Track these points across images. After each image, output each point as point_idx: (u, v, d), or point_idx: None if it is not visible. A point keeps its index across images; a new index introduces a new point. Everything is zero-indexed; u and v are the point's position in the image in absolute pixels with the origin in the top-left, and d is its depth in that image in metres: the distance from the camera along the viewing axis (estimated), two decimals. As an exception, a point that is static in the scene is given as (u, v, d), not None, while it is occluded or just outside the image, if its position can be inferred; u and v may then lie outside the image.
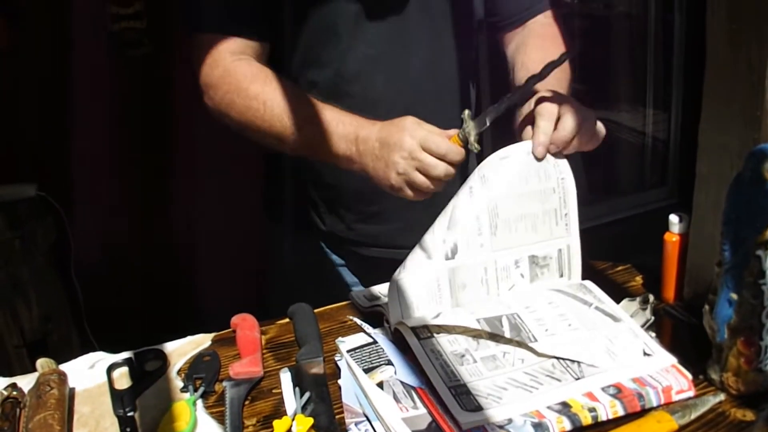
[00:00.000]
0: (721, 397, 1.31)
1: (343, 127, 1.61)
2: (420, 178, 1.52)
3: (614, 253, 1.80)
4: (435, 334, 1.42)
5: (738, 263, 1.27)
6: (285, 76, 1.75)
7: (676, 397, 1.30)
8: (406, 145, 1.50)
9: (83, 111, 3.27)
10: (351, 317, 1.57)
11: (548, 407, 1.26)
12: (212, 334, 1.60)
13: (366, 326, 1.51)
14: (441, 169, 1.50)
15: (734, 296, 1.27)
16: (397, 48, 1.77)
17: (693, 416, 1.27)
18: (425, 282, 1.48)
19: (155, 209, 3.49)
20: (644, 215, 4.54)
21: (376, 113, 1.69)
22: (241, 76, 1.69)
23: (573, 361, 1.35)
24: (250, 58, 1.74)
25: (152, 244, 3.51)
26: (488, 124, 1.53)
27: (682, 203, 1.56)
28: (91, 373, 1.51)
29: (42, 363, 1.48)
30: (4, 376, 1.47)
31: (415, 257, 1.50)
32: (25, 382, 1.46)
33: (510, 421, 1.23)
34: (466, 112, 1.54)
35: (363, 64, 1.77)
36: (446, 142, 1.50)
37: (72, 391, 1.45)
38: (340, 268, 2.00)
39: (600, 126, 1.55)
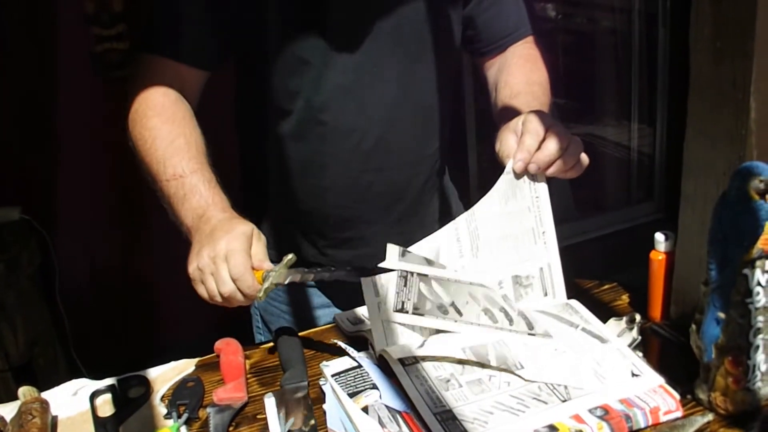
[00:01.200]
0: (710, 417, 1.31)
1: (197, 199, 1.56)
2: (210, 284, 1.45)
3: (602, 268, 1.79)
4: (420, 360, 1.41)
5: (725, 282, 1.27)
6: (258, 104, 1.76)
7: (663, 418, 1.29)
8: (217, 248, 1.44)
9: (68, 133, 3.26)
10: (335, 341, 1.56)
11: (535, 430, 1.25)
12: (196, 359, 1.59)
13: (351, 350, 1.49)
14: (227, 288, 1.43)
15: (722, 315, 1.27)
16: (369, 77, 1.73)
17: (682, 437, 1.26)
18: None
19: (139, 233, 3.47)
20: (631, 230, 4.54)
21: (350, 142, 1.70)
22: (151, 104, 1.66)
23: (560, 384, 1.34)
24: (176, 92, 1.69)
25: (136, 268, 3.50)
26: (286, 282, 1.46)
27: (669, 218, 1.56)
28: (74, 401, 1.49)
29: (24, 391, 1.47)
30: (-10, 401, 1.46)
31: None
32: (7, 411, 1.45)
33: (497, 445, 1.22)
34: (290, 256, 1.48)
35: (334, 92, 1.72)
36: (246, 267, 1.42)
37: (55, 419, 1.44)
38: (310, 289, 1.97)
39: (584, 156, 1.53)
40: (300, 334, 1.59)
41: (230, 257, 1.43)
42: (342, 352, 1.52)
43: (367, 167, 1.77)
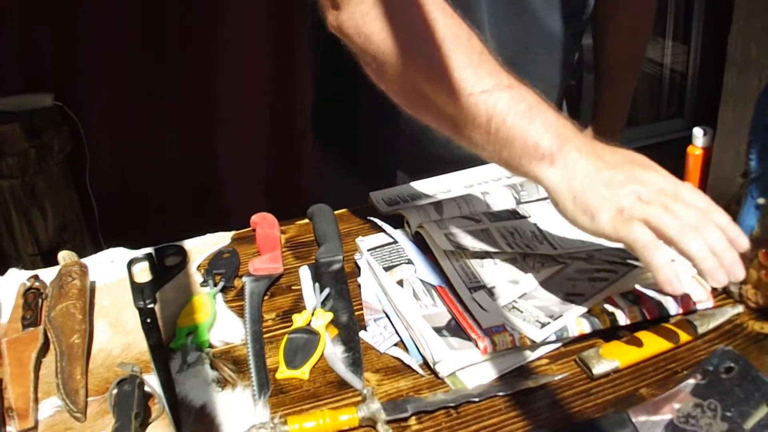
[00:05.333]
0: (740, 309, 1.31)
1: (550, 115, 1.18)
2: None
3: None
4: (456, 238, 1.42)
5: (764, 172, 1.27)
6: None
7: (694, 307, 1.30)
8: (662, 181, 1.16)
9: (99, 18, 3.25)
10: (371, 218, 1.57)
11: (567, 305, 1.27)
12: (232, 232, 1.60)
13: (386, 227, 1.50)
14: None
15: (761, 201, 1.26)
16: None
17: (711, 326, 1.27)
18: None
19: (169, 122, 3.48)
20: (660, 145, 4.53)
21: None
22: None
23: (597, 270, 1.34)
24: None
25: (165, 157, 3.51)
26: None
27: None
28: (112, 268, 1.52)
29: (64, 255, 1.49)
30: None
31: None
32: (48, 275, 1.47)
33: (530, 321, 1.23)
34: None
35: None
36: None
37: (93, 284, 1.46)
38: None
39: None
40: (335, 212, 1.60)
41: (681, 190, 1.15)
42: (377, 229, 1.53)
43: None
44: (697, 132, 1.53)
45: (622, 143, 1.79)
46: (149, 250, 1.52)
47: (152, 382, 1.22)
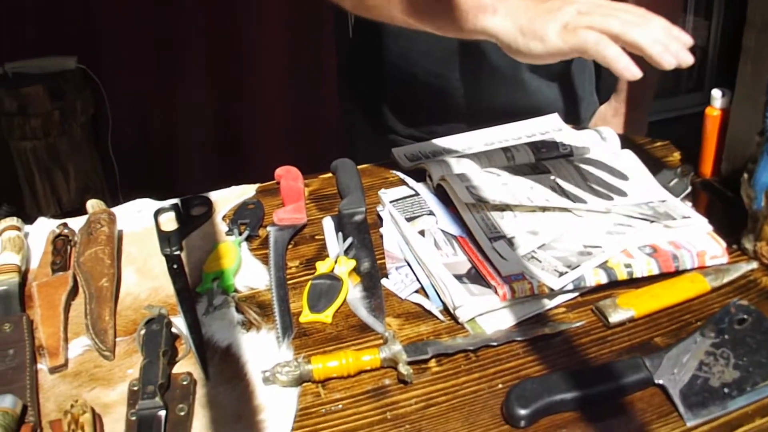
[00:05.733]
0: (754, 265, 1.33)
1: None
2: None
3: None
4: (478, 191, 1.44)
5: (781, 130, 1.29)
6: None
7: (709, 262, 1.32)
8: None
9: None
10: (394, 171, 1.59)
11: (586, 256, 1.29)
12: (256, 185, 1.63)
13: (408, 179, 1.53)
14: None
15: (776, 161, 1.29)
16: None
17: (725, 280, 1.30)
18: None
19: (194, 75, 3.48)
20: (679, 119, 4.53)
21: None
22: None
23: (614, 224, 1.38)
24: None
25: (189, 115, 3.52)
26: None
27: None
28: (139, 217, 1.55)
29: (92, 203, 1.52)
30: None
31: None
32: (77, 224, 1.50)
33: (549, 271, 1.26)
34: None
35: None
36: None
37: (120, 232, 1.49)
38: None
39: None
40: (358, 167, 1.63)
41: None
42: (399, 184, 1.55)
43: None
44: (716, 93, 1.55)
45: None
46: (175, 200, 1.55)
47: (179, 324, 1.25)
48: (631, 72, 1.17)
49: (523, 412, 1.04)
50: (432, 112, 1.86)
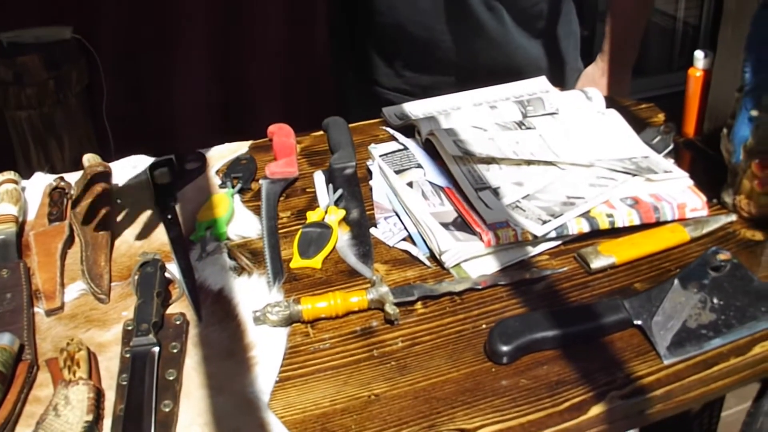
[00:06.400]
0: (733, 217, 1.37)
1: None
2: None
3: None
4: (466, 144, 1.47)
5: (758, 85, 1.32)
6: None
7: (690, 215, 1.36)
8: None
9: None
10: (384, 128, 1.63)
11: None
12: (249, 142, 1.67)
13: (398, 135, 1.56)
14: None
15: (754, 113, 1.31)
16: None
17: (704, 231, 1.33)
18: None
19: (185, 54, 3.48)
20: (671, 96, 4.54)
21: None
22: None
23: (597, 177, 1.41)
24: None
25: (179, 90, 3.51)
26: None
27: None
28: (134, 171, 1.58)
29: (89, 157, 1.56)
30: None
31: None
32: (71, 177, 1.53)
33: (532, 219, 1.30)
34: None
35: None
36: None
37: (116, 186, 1.52)
38: None
39: None
40: (349, 125, 1.66)
41: None
42: (389, 140, 1.59)
43: None
44: (698, 54, 1.58)
45: (633, 92, 1.84)
46: (170, 156, 1.58)
47: (172, 269, 1.28)
48: None
49: (505, 348, 1.08)
50: (418, 63, 1.91)
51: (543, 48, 1.89)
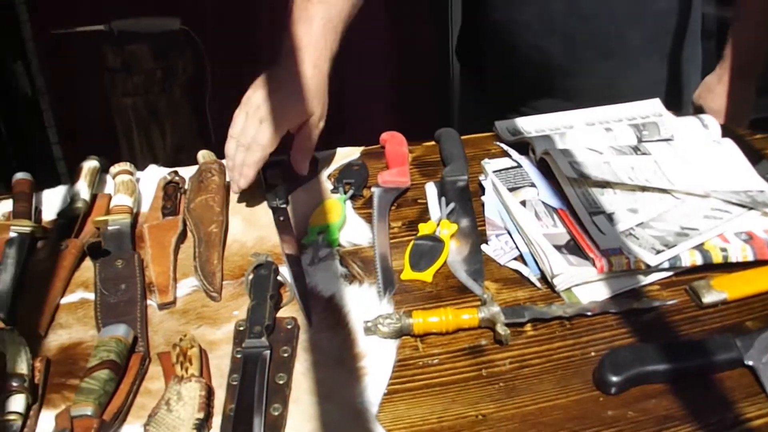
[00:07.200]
0: None
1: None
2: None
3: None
4: (581, 167, 1.46)
5: None
6: None
7: (805, 253, 1.33)
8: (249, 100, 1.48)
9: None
10: (496, 143, 1.62)
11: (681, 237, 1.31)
12: (361, 147, 1.68)
13: (512, 151, 1.56)
14: (229, 145, 1.48)
15: None
16: None
17: (822, 271, 1.30)
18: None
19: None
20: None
21: None
22: None
23: (712, 209, 1.39)
24: None
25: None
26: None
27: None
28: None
29: (204, 154, 1.58)
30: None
31: None
32: (187, 173, 1.56)
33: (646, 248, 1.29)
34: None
35: None
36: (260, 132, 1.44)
37: (228, 183, 1.54)
38: None
39: None
40: (461, 137, 1.65)
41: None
42: (501, 155, 1.59)
43: (572, 10, 1.73)
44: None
45: (756, 111, 1.78)
46: (281, 157, 1.60)
47: (284, 272, 1.30)
48: None
49: (614, 378, 1.07)
50: (531, 85, 1.87)
51: (666, 70, 1.86)
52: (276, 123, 1.41)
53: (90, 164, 1.56)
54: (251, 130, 1.43)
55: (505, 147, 1.59)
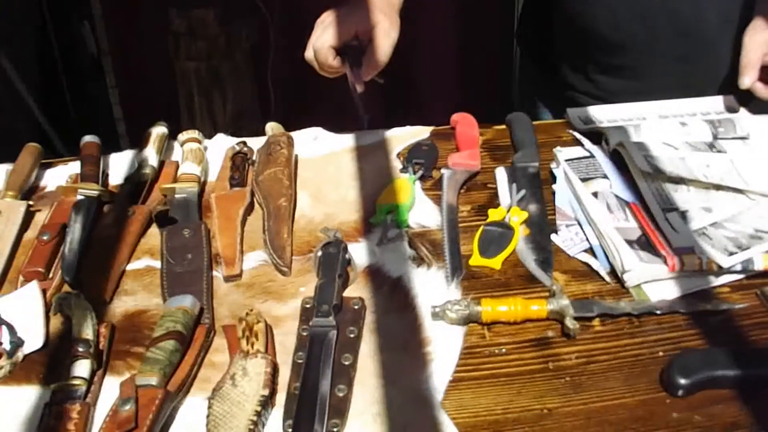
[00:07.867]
0: None
1: None
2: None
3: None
4: (656, 161, 1.44)
5: None
6: None
7: None
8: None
9: None
10: (570, 131, 1.60)
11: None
12: (431, 127, 1.66)
13: (585, 141, 1.54)
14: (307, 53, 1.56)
15: None
16: None
17: None
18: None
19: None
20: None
21: None
22: None
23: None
24: None
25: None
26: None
27: None
28: (314, 145, 1.59)
29: (272, 126, 1.58)
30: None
31: None
32: (253, 143, 1.55)
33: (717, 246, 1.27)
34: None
35: None
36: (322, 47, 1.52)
37: (296, 156, 1.53)
38: None
39: None
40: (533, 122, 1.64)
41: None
42: (572, 143, 1.58)
43: None
44: None
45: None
46: (350, 134, 1.59)
47: (351, 250, 1.30)
48: None
49: (683, 381, 1.06)
50: (607, 66, 1.80)
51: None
52: (338, 23, 1.48)
53: (158, 130, 1.56)
54: (319, 32, 1.52)
55: (578, 136, 1.57)
